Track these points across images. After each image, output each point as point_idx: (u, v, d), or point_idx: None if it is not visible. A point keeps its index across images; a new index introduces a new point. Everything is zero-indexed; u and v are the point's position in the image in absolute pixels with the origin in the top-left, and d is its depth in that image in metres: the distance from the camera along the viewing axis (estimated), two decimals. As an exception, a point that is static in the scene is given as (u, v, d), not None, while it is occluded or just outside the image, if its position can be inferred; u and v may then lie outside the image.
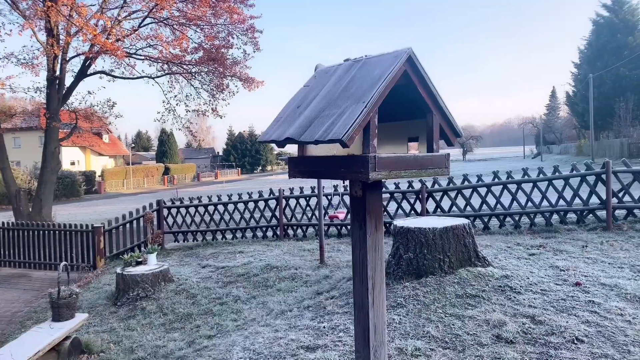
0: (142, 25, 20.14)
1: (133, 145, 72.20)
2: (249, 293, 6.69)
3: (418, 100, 1.85)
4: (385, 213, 9.02)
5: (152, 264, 7.75)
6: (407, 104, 1.92)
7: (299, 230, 10.57)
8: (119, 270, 7.51)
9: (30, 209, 20.19)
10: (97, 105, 22.82)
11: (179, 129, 22.75)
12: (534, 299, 4.63)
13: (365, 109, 1.60)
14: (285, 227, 10.56)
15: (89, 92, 22.21)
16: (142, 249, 11.00)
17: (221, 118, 21.60)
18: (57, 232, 11.25)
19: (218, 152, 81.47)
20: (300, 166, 1.96)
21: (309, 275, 6.85)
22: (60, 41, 18.79)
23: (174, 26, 20.39)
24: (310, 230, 10.47)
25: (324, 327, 4.43)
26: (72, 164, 47.89)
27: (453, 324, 4.16)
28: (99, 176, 46.36)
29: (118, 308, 6.99)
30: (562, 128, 76.37)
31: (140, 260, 7.77)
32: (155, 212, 11.28)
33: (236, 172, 68.52)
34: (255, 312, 5.80)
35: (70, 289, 5.67)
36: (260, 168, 76.30)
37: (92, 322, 6.55)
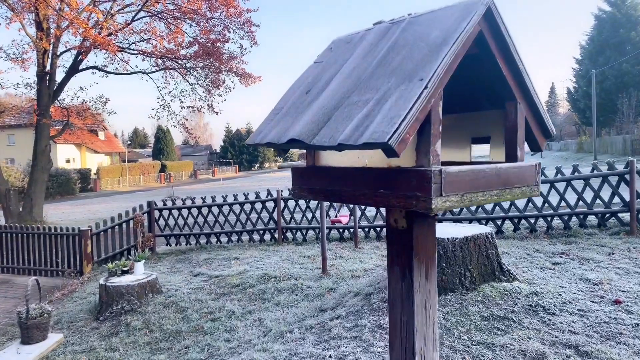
0: (135, 18, 19.44)
1: (129, 142, 71.41)
2: (244, 307, 6.05)
3: (493, 80, 1.20)
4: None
5: (140, 273, 7.11)
6: (475, 87, 1.28)
7: (299, 234, 9.93)
8: (102, 280, 6.86)
9: (21, 209, 19.54)
10: (90, 102, 22.17)
11: (174, 126, 22.09)
12: (573, 322, 4.00)
13: (426, 90, 0.95)
14: (284, 230, 9.92)
15: (81, 88, 21.51)
16: (132, 252, 10.35)
17: (217, 114, 20.96)
18: (42, 235, 10.59)
19: (215, 150, 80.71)
20: (311, 182, 1.31)
21: (310, 287, 6.22)
22: (50, 35, 18.09)
23: (169, 20, 19.69)
24: (311, 233, 9.83)
25: (330, 357, 3.80)
26: (68, 161, 47.14)
27: (483, 356, 3.53)
28: (95, 174, 45.61)
29: (100, 323, 6.34)
30: (561, 124, 75.82)
31: (126, 269, 7.12)
32: (146, 214, 10.63)
33: (234, 169, 67.83)
34: (251, 332, 5.16)
35: (41, 307, 5.03)
36: (258, 165, 75.64)
37: (70, 340, 5.90)
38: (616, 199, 8.00)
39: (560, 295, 4.60)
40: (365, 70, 1.20)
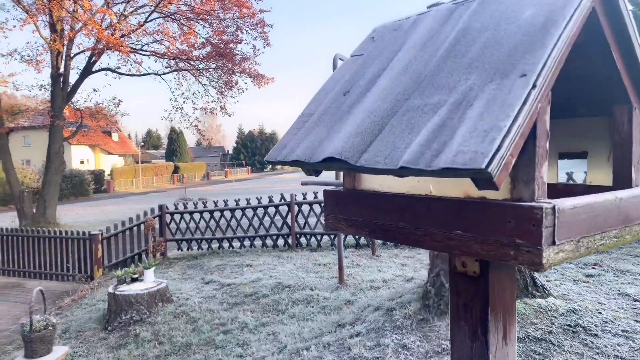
0: (148, 20, 19.37)
1: (142, 143, 71.84)
2: (258, 319, 5.77)
3: (599, 77, 0.89)
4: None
5: (150, 280, 6.87)
6: (571, 86, 0.97)
7: (313, 239, 9.64)
8: (110, 289, 6.63)
9: (34, 210, 19.56)
10: (103, 103, 22.17)
11: (187, 128, 22.02)
12: (618, 345, 3.65)
13: (534, 90, 0.65)
14: (298, 235, 9.63)
15: (95, 90, 21.55)
16: (143, 257, 10.15)
17: (230, 116, 20.81)
18: (52, 239, 10.44)
19: (228, 151, 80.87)
20: (351, 211, 1.01)
21: (326, 299, 5.92)
22: (64, 37, 18.08)
23: (181, 21, 19.59)
24: (325, 239, 9.53)
25: (352, 381, 3.50)
26: (82, 162, 47.48)
27: (521, 384, 3.19)
28: (108, 175, 45.87)
29: (108, 334, 6.11)
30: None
31: (136, 276, 6.89)
32: (157, 218, 10.42)
33: (246, 170, 67.84)
34: (265, 347, 4.88)
35: (46, 319, 4.80)
36: (270, 167, 75.61)
37: (77, 352, 5.68)
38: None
39: (600, 313, 4.24)
40: (426, 63, 0.90)
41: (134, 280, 6.90)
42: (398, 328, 4.34)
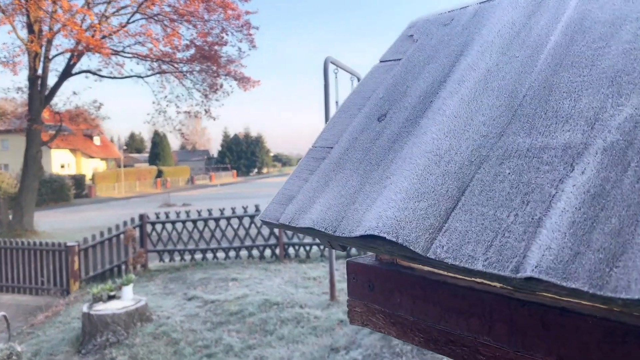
0: (130, 21, 18.88)
1: (125, 147, 70.69)
2: (244, 341, 5.37)
3: None
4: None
5: (128, 298, 6.42)
6: None
7: (302, 250, 9.26)
8: (85, 308, 6.17)
9: (11, 217, 18.86)
10: (83, 106, 21.59)
11: (170, 132, 21.57)
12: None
13: None
14: (286, 246, 9.24)
15: (74, 93, 20.94)
16: (123, 269, 9.67)
17: (214, 120, 20.41)
18: (25, 250, 9.89)
19: (213, 154, 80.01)
20: (396, 301, 0.66)
21: (318, 318, 5.55)
22: (42, 38, 17.48)
23: (165, 22, 19.11)
24: (315, 249, 9.17)
25: (350, 422, 3.13)
26: (62, 167, 46.40)
27: None
28: (90, 179, 44.87)
29: (82, 357, 5.66)
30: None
31: (113, 293, 6.44)
32: (138, 228, 9.94)
33: (231, 174, 67.11)
34: (252, 376, 4.50)
35: (10, 348, 4.35)
36: (256, 170, 75.00)
37: (46, 379, 5.22)
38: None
39: None
40: (521, 75, 0.55)
41: (111, 297, 6.45)
42: (398, 355, 3.99)
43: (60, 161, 46.60)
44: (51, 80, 19.08)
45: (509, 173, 0.49)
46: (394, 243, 0.49)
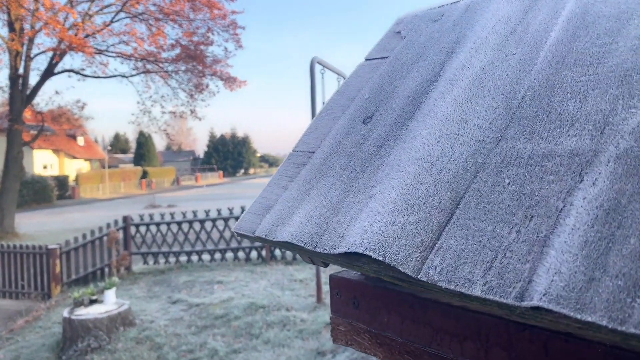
0: (114, 20, 18.64)
1: (110, 148, 69.82)
2: (229, 345, 5.29)
3: None
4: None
5: (110, 302, 6.29)
6: None
7: (288, 252, 9.19)
8: (66, 312, 6.03)
9: (-9, 219, 18.47)
10: (66, 106, 21.27)
11: (155, 132, 21.37)
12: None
13: None
14: (272, 248, 9.17)
15: (57, 92, 20.60)
16: (107, 272, 9.50)
17: (200, 120, 20.29)
18: (5, 254, 9.66)
19: (199, 155, 79.39)
20: (383, 320, 0.60)
21: (304, 321, 5.49)
22: (23, 36, 17.15)
23: (150, 21, 18.90)
24: (301, 251, 9.10)
25: None
26: (45, 167, 45.63)
27: None
28: (73, 180, 44.20)
29: (62, 364, 5.52)
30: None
31: (94, 297, 6.30)
32: (121, 230, 9.78)
33: (218, 175, 66.65)
34: (237, 381, 4.42)
35: (-14, 355, 4.21)
36: (242, 171, 74.62)
37: (25, 387, 5.08)
38: None
39: None
40: (519, 75, 0.50)
41: (93, 302, 6.31)
42: (385, 359, 3.95)
43: (43, 162, 45.82)
44: (33, 80, 18.77)
45: (509, 183, 0.44)
46: (380, 262, 0.44)
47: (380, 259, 0.44)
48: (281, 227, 0.56)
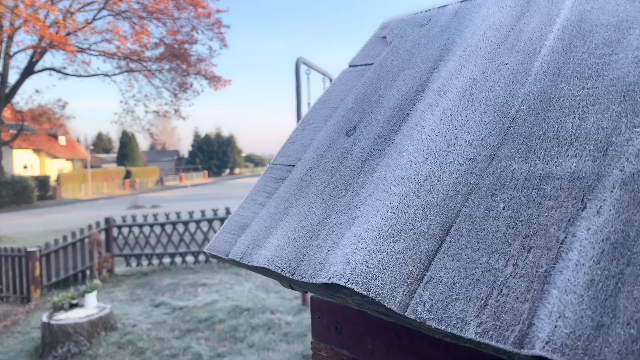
0: (97, 17, 18.36)
1: (92, 147, 68.83)
2: (213, 349, 5.22)
3: None
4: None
5: (91, 306, 6.16)
6: None
7: (273, 253, 9.13)
8: (45, 317, 5.89)
9: (-32, 221, 18.05)
10: (47, 105, 20.90)
11: (139, 132, 21.11)
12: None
13: None
14: (257, 249, 9.10)
15: (37, 91, 20.21)
16: (88, 275, 9.33)
17: (184, 119, 20.07)
18: (-18, 256, 9.41)
19: (183, 155, 78.72)
20: (366, 347, 0.55)
21: (289, 324, 5.44)
22: (1, 34, 16.79)
23: (133, 20, 18.65)
24: (287, 252, 9.04)
25: None
26: (25, 168, 44.82)
27: None
28: (55, 181, 43.46)
29: (41, 370, 5.39)
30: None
31: (75, 301, 6.16)
32: (103, 232, 9.61)
33: (202, 175, 66.15)
34: (221, 386, 4.35)
35: (-40, 363, 4.08)
36: (228, 171, 74.15)
37: (2, 394, 4.94)
38: None
39: None
40: (512, 87, 0.46)
41: (73, 306, 6.17)
42: (370, 363, 3.93)
43: (23, 162, 45.00)
44: (12, 78, 18.46)
45: (504, 208, 0.40)
46: (364, 296, 0.40)
47: (364, 292, 0.40)
48: (257, 250, 0.52)
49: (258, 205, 0.59)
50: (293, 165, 0.62)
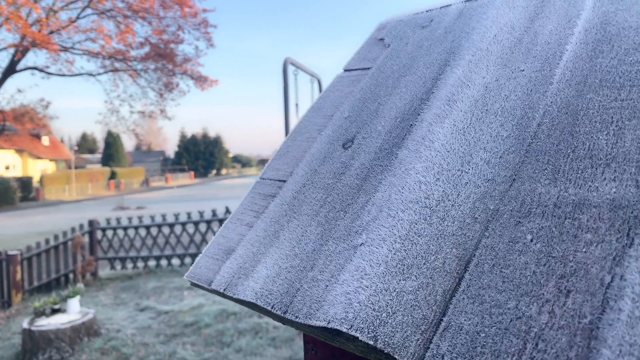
0: (81, 16, 18.06)
1: (77, 148, 67.91)
2: (199, 354, 5.13)
3: None
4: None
5: (74, 311, 6.03)
6: None
7: (261, 255, 9.04)
8: (25, 323, 5.74)
9: (-53, 223, 17.63)
10: (29, 105, 20.55)
11: (124, 132, 20.80)
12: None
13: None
14: (245, 251, 9.01)
15: (19, 90, 19.84)
16: (72, 278, 9.15)
17: (170, 120, 19.85)
18: (-39, 260, 9.18)
19: (169, 155, 78.06)
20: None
21: (277, 328, 5.38)
22: (-18, 31, 16.44)
23: (118, 19, 18.39)
24: (274, 254, 8.96)
25: None
26: (7, 168, 44.14)
27: None
28: (38, 182, 42.80)
29: (22, 378, 5.25)
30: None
31: (57, 307, 6.02)
32: (87, 235, 9.44)
33: (189, 176, 65.67)
34: (208, 393, 4.27)
35: None
36: (214, 171, 73.70)
37: (-20, 404, 4.80)
38: None
39: None
40: (531, 96, 0.40)
41: (55, 311, 6.03)
42: (359, 368, 3.88)
43: (5, 162, 44.30)
44: (-7, 77, 18.01)
45: (532, 240, 0.34)
46: (370, 345, 0.34)
47: (371, 342, 0.34)
48: (243, 281, 0.46)
49: (245, 226, 0.53)
50: (284, 181, 0.56)
